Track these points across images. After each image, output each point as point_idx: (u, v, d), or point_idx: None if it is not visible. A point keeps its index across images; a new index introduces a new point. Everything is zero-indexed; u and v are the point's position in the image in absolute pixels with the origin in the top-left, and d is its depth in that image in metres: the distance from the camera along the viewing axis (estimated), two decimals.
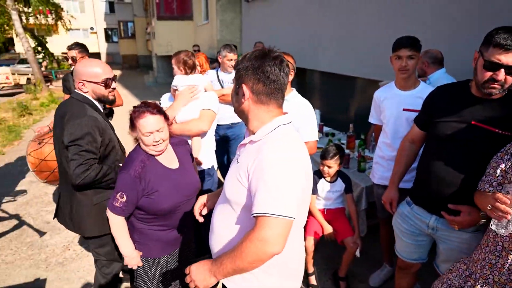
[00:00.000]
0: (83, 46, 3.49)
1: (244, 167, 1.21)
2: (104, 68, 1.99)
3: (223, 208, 1.37)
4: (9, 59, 21.49)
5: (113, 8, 32.98)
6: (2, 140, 7.01)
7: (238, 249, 1.13)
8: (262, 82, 1.20)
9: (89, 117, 1.86)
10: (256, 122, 1.26)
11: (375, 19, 4.44)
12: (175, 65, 2.54)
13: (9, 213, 4.04)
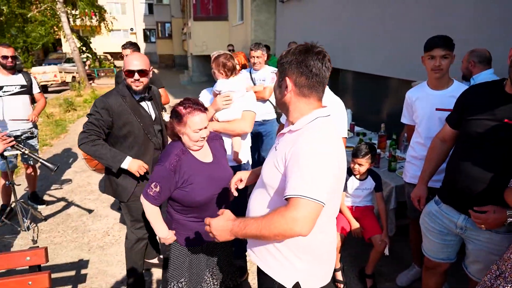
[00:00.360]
0: (136, 45, 3.73)
1: (281, 154, 1.30)
2: (130, 61, 2.19)
3: (259, 193, 1.47)
4: (56, 58, 22.88)
5: (152, 9, 34.20)
6: (50, 133, 7.55)
7: (267, 219, 1.20)
8: (305, 76, 1.26)
9: (102, 100, 2.19)
10: (296, 114, 1.33)
11: (409, 18, 4.37)
12: (215, 69, 2.53)
13: (56, 199, 4.38)
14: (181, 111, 1.80)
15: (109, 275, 2.92)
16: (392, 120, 4.82)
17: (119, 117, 2.21)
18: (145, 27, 35.55)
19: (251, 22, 10.04)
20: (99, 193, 4.57)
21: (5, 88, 3.67)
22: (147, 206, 1.91)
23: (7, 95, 3.69)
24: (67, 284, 2.83)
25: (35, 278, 1.74)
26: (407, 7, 4.39)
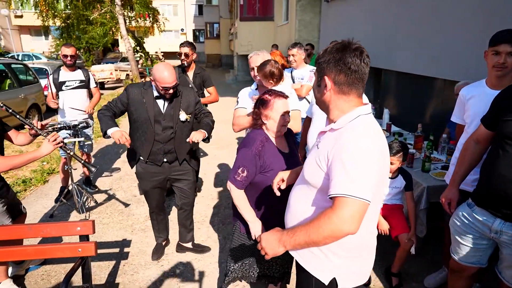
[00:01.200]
0: (192, 44, 4.03)
1: (323, 152, 1.30)
2: (165, 78, 2.46)
3: (300, 189, 1.49)
4: (113, 57, 24.53)
5: (202, 10, 35.35)
6: None
7: (314, 224, 1.21)
8: (344, 73, 1.26)
9: (128, 86, 2.66)
10: (337, 112, 1.33)
11: (459, 17, 4.20)
12: (263, 79, 2.58)
13: (106, 185, 4.81)
14: (267, 97, 2.00)
15: (147, 254, 3.19)
16: (432, 121, 4.67)
17: (133, 103, 2.61)
18: (194, 28, 36.87)
19: (296, 22, 10.09)
20: None
21: (67, 83, 4.13)
22: (235, 191, 2.02)
23: (68, 89, 4.14)
24: (112, 259, 3.14)
25: (84, 246, 2.01)
26: (458, 4, 4.23)
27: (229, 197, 4.33)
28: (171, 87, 2.49)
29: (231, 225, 3.70)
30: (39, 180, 4.89)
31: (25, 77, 8.40)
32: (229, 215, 3.92)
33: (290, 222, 1.53)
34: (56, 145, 2.32)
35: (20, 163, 2.22)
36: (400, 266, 2.68)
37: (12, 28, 28.70)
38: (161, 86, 2.47)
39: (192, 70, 4.08)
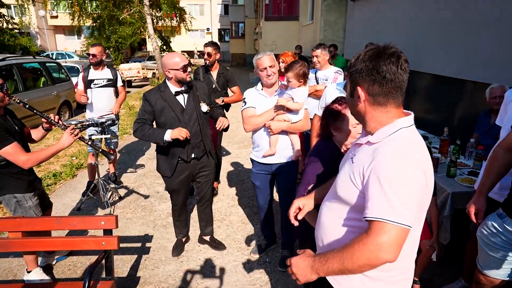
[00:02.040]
0: (216, 44, 4.11)
1: (359, 167, 1.20)
2: (180, 58, 2.61)
3: (332, 205, 1.38)
4: (141, 56, 25.18)
5: (227, 10, 35.61)
6: (130, 123, 8.45)
7: (348, 250, 1.12)
8: (378, 83, 1.16)
9: (144, 94, 2.70)
10: (374, 124, 1.23)
11: (488, 18, 4.04)
12: (293, 78, 2.61)
13: (131, 181, 4.95)
14: (337, 107, 1.87)
15: (168, 250, 3.27)
16: (460, 125, 4.53)
17: (156, 107, 2.68)
18: (220, 27, 37.23)
19: (321, 21, 10.00)
20: None
21: (96, 81, 4.29)
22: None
23: (96, 87, 4.30)
24: (134, 253, 3.24)
25: (107, 240, 2.09)
26: (490, 4, 4.06)
27: (250, 197, 4.37)
28: (188, 65, 2.64)
29: (250, 224, 3.74)
30: (68, 174, 5.11)
31: (58, 75, 8.78)
32: (249, 214, 3.95)
33: (321, 240, 1.44)
34: (75, 136, 2.43)
35: (46, 157, 2.34)
36: (422, 273, 2.61)
37: (47, 28, 30.02)
38: (181, 67, 2.59)
39: (216, 70, 4.14)
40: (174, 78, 2.66)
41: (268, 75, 2.71)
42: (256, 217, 3.89)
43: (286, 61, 4.15)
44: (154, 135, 2.65)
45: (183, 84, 2.71)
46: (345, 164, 1.35)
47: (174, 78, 2.66)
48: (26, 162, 2.26)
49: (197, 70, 4.21)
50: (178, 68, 2.60)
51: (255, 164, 2.96)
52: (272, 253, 3.22)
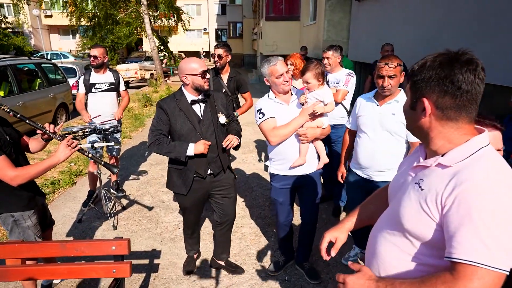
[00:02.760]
0: (228, 46, 3.86)
1: (432, 195, 1.03)
2: (200, 63, 2.42)
3: (395, 238, 1.18)
4: (138, 56, 24.91)
5: (225, 10, 35.41)
6: (130, 127, 8.19)
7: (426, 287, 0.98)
8: (451, 94, 1.01)
9: (159, 102, 2.46)
10: (442, 141, 1.07)
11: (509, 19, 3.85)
12: (313, 79, 2.46)
13: (133, 189, 4.71)
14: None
15: (179, 267, 3.04)
16: None
17: (173, 116, 2.45)
18: (217, 27, 36.97)
19: (324, 22, 9.80)
20: None
21: (97, 85, 4.04)
22: None
23: (98, 92, 4.05)
24: (142, 271, 3.00)
25: (119, 267, 1.86)
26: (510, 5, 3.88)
27: (260, 206, 4.15)
28: (207, 71, 2.46)
29: (263, 237, 3.52)
30: (67, 182, 4.85)
31: (54, 76, 8.49)
32: (262, 226, 3.73)
33: (378, 271, 1.24)
34: (72, 149, 2.14)
35: (37, 172, 2.06)
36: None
37: (42, 28, 29.56)
38: (199, 73, 2.39)
39: (227, 73, 3.90)
40: (191, 85, 2.42)
41: (286, 81, 2.49)
42: (270, 228, 3.67)
43: (296, 64, 3.94)
44: (175, 151, 2.40)
45: (200, 92, 2.48)
46: (407, 191, 1.13)
47: (191, 85, 2.42)
48: (14, 179, 1.99)
49: None
50: (196, 74, 2.38)
51: (279, 178, 2.72)
52: (291, 270, 3.00)
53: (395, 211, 1.17)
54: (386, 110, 2.44)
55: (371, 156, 2.53)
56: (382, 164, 2.50)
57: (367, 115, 2.54)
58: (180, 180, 2.56)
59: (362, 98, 2.68)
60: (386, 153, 2.47)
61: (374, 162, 2.53)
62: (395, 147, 2.46)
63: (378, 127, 2.46)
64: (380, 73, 2.37)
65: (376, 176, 2.57)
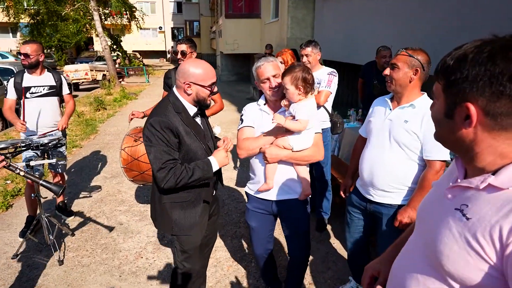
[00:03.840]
0: (192, 41, 3.30)
1: (485, 228, 0.78)
2: (212, 72, 1.87)
3: (429, 280, 0.92)
4: (88, 56, 23.30)
5: (181, 8, 34.33)
6: (80, 134, 7.33)
7: None
8: (507, 97, 0.75)
9: (162, 120, 1.76)
10: (492, 157, 0.82)
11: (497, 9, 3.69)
12: (290, 84, 1.93)
13: (85, 210, 4.02)
14: None
15: None
16: None
17: (181, 134, 1.82)
18: (173, 26, 35.75)
19: (288, 19, 9.49)
20: (130, 203, 4.19)
21: (33, 89, 3.33)
22: None
23: (35, 97, 3.34)
24: None
25: None
26: None
27: (236, 223, 3.64)
28: (215, 83, 1.95)
29: (243, 262, 3.04)
30: (0, 205, 4.05)
31: None
32: (239, 248, 3.25)
33: None
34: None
35: None
36: None
37: None
38: (209, 85, 1.85)
39: None
40: (194, 96, 1.84)
41: (272, 87, 2.02)
42: (249, 250, 3.21)
43: (287, 62, 3.48)
44: (203, 174, 1.84)
45: (199, 106, 1.91)
46: (445, 218, 0.87)
47: (193, 97, 1.85)
48: None
49: (168, 74, 3.42)
50: (204, 85, 1.83)
51: (251, 199, 2.26)
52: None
53: (430, 245, 0.90)
54: (397, 116, 1.96)
55: (372, 170, 2.05)
56: (384, 182, 2.01)
57: (376, 120, 2.09)
58: (189, 217, 1.96)
59: (377, 100, 2.21)
60: (390, 168, 1.98)
61: (375, 178, 2.04)
62: (403, 162, 1.95)
63: (385, 134, 1.99)
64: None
65: (379, 197, 2.07)
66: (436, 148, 1.85)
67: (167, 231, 2.07)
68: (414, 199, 1.93)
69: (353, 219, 2.31)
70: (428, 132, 1.85)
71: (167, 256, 3.13)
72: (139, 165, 2.77)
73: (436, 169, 1.86)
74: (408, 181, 1.99)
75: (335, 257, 3.13)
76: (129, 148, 2.79)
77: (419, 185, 1.92)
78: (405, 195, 2.01)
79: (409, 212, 1.94)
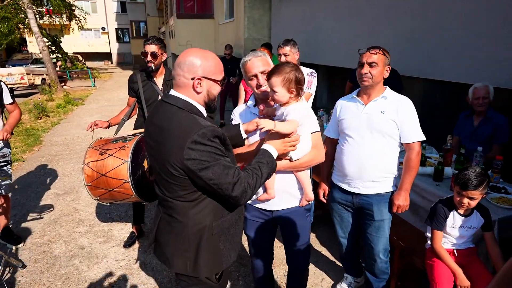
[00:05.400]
0: (161, 41, 2.93)
1: None
2: (221, 63, 1.53)
3: None
4: (22, 59, 21.23)
5: (125, 8, 32.73)
6: (21, 145, 6.51)
7: None
8: None
9: (208, 129, 1.32)
10: None
11: (458, 12, 3.81)
12: (282, 87, 1.68)
13: (36, 234, 3.49)
14: None
15: None
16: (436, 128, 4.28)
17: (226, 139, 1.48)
18: (117, 26, 33.95)
19: (244, 19, 9.31)
20: (90, 223, 3.71)
21: None
22: None
23: None
24: None
25: None
26: None
27: None
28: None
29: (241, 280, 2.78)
30: None
31: None
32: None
33: None
34: None
35: None
36: None
37: None
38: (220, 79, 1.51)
39: (162, 75, 3.04)
40: (204, 95, 1.46)
41: (260, 84, 1.82)
42: (240, 263, 2.96)
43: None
44: (269, 169, 1.51)
45: (207, 108, 1.52)
46: None
47: (204, 95, 1.46)
48: None
49: (133, 77, 3.03)
50: (217, 80, 1.47)
51: (250, 209, 2.06)
52: None
53: None
54: (373, 109, 2.08)
55: (360, 164, 2.12)
56: (374, 172, 2.12)
57: (351, 116, 2.16)
58: (233, 248, 1.59)
59: (342, 100, 2.31)
60: (377, 158, 2.09)
61: (363, 171, 2.13)
62: (387, 151, 2.10)
63: (365, 129, 2.09)
64: (360, 61, 2.07)
65: (368, 188, 2.17)
66: (412, 131, 2.04)
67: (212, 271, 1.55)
68: (405, 181, 2.09)
69: (343, 215, 2.41)
70: (403, 118, 2.03)
71: (143, 281, 2.77)
72: (107, 182, 2.39)
73: (417, 150, 2.05)
74: (393, 167, 2.14)
75: (326, 266, 2.99)
76: (94, 163, 2.40)
77: (405, 167, 2.09)
78: (392, 181, 2.16)
79: (403, 195, 2.10)
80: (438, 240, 2.06)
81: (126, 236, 3.42)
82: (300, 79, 1.71)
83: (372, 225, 2.23)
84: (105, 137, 2.68)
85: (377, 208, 2.18)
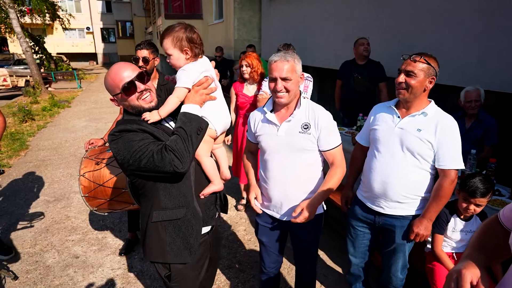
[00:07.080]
0: (153, 45, 2.87)
1: None
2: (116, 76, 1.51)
3: None
4: (3, 60, 20.65)
5: (110, 7, 32.23)
6: (7, 150, 6.32)
7: None
8: None
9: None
10: None
11: (449, 13, 3.87)
12: (174, 48, 1.55)
13: (27, 244, 3.39)
14: None
15: None
16: None
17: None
18: (103, 26, 33.39)
19: (234, 20, 9.28)
20: (83, 230, 3.63)
21: None
22: None
23: None
24: None
25: None
26: None
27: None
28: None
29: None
30: None
31: None
32: (233, 275, 2.96)
33: None
34: None
35: None
36: None
37: None
38: (118, 91, 1.50)
39: (155, 80, 2.99)
40: (128, 107, 1.56)
41: (278, 90, 1.79)
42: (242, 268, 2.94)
43: (252, 65, 3.29)
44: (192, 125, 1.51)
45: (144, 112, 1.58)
46: None
47: (128, 107, 1.56)
48: None
49: None
50: (117, 94, 1.52)
51: (261, 214, 2.08)
52: None
53: None
54: (409, 125, 1.86)
55: (385, 181, 1.94)
56: (399, 193, 1.92)
57: (384, 128, 1.96)
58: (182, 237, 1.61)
59: (378, 107, 2.10)
60: (403, 178, 1.89)
61: (389, 189, 1.93)
62: (417, 172, 1.88)
63: (397, 145, 1.89)
64: (399, 68, 1.84)
65: (392, 209, 1.98)
66: (451, 156, 1.80)
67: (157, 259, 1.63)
68: (430, 209, 1.88)
69: (358, 234, 2.21)
70: (442, 140, 1.79)
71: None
72: (105, 192, 2.34)
73: (452, 178, 1.81)
74: (421, 190, 1.93)
75: (325, 270, 3.00)
76: (90, 173, 2.34)
77: (434, 195, 1.86)
78: (418, 205, 1.96)
79: (425, 224, 1.90)
80: (439, 244, 2.09)
81: (121, 244, 3.36)
82: (192, 38, 1.57)
83: (391, 247, 2.06)
84: (100, 146, 2.63)
85: (400, 231, 2.00)
